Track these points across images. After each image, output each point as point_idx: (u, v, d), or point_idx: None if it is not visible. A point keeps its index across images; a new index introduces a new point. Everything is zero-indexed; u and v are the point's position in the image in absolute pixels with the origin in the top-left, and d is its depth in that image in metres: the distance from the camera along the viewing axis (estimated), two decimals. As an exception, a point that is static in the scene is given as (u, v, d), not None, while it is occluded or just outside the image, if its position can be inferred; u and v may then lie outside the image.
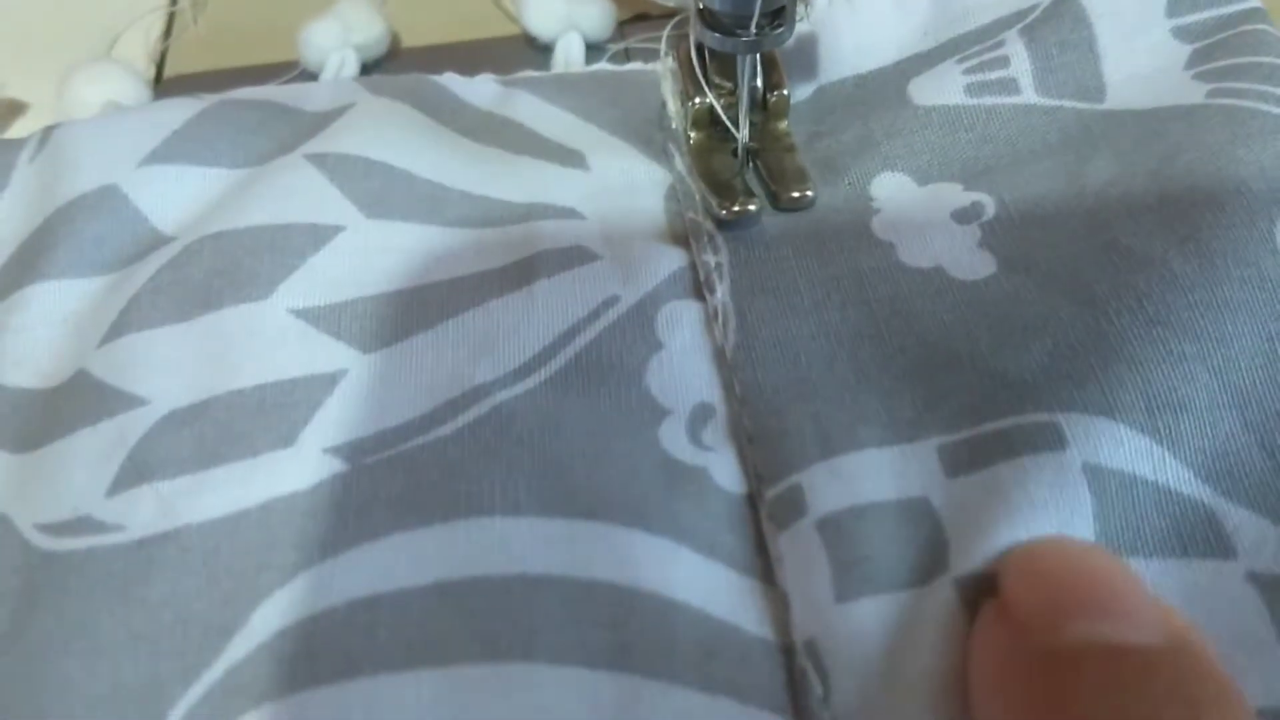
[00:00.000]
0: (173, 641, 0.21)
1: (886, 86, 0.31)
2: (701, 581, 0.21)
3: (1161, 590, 0.20)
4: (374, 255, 0.27)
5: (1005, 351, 0.24)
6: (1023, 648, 0.17)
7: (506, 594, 0.21)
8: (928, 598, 0.20)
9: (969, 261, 0.26)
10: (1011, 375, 0.23)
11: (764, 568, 0.22)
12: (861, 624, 0.20)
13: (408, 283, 0.26)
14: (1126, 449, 0.21)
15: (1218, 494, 0.21)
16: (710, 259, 0.27)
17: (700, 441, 0.24)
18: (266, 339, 0.25)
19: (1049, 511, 0.20)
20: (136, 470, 0.23)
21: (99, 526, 0.22)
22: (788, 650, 0.21)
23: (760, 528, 0.22)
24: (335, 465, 0.23)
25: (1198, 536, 0.21)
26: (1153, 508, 0.21)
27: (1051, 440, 0.22)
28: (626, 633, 0.20)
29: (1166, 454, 0.21)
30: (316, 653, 0.20)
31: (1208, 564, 0.20)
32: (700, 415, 0.24)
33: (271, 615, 0.21)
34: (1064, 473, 0.21)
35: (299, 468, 0.23)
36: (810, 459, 0.23)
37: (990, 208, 0.27)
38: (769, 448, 0.23)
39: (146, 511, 0.22)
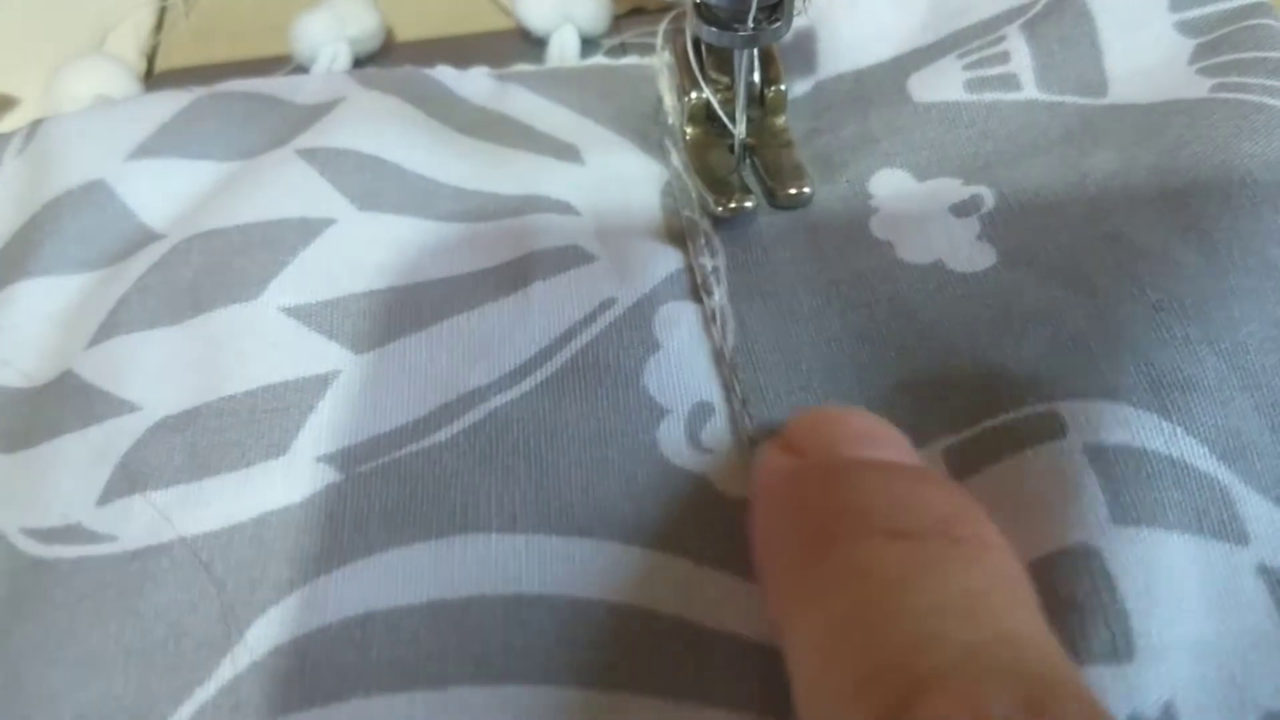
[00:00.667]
0: (165, 656, 0.20)
1: (885, 82, 0.31)
2: (698, 593, 0.21)
3: (1179, 566, 0.19)
4: (366, 248, 0.27)
5: (1005, 343, 0.23)
6: (806, 466, 0.20)
7: (502, 614, 0.20)
8: None
9: (968, 254, 0.25)
10: (1011, 368, 0.23)
11: None
12: None
13: (401, 279, 0.26)
14: (1132, 426, 0.21)
15: (1233, 474, 0.21)
16: (707, 262, 0.26)
17: (699, 443, 0.23)
18: (258, 340, 0.24)
19: (1053, 497, 0.20)
20: (128, 479, 0.23)
21: (90, 536, 0.22)
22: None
23: None
24: (329, 475, 0.22)
25: (1212, 514, 0.20)
26: (1170, 481, 0.20)
27: (1052, 429, 0.21)
28: (623, 652, 0.20)
29: (1178, 429, 0.21)
30: (310, 672, 0.19)
31: (1222, 546, 0.20)
32: (699, 415, 0.24)
33: (266, 632, 0.20)
34: (1064, 457, 0.21)
35: (292, 478, 0.22)
36: None
37: (989, 200, 0.26)
38: None
39: (139, 523, 0.22)
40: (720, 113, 0.28)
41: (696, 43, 0.28)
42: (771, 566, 0.19)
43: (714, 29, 0.26)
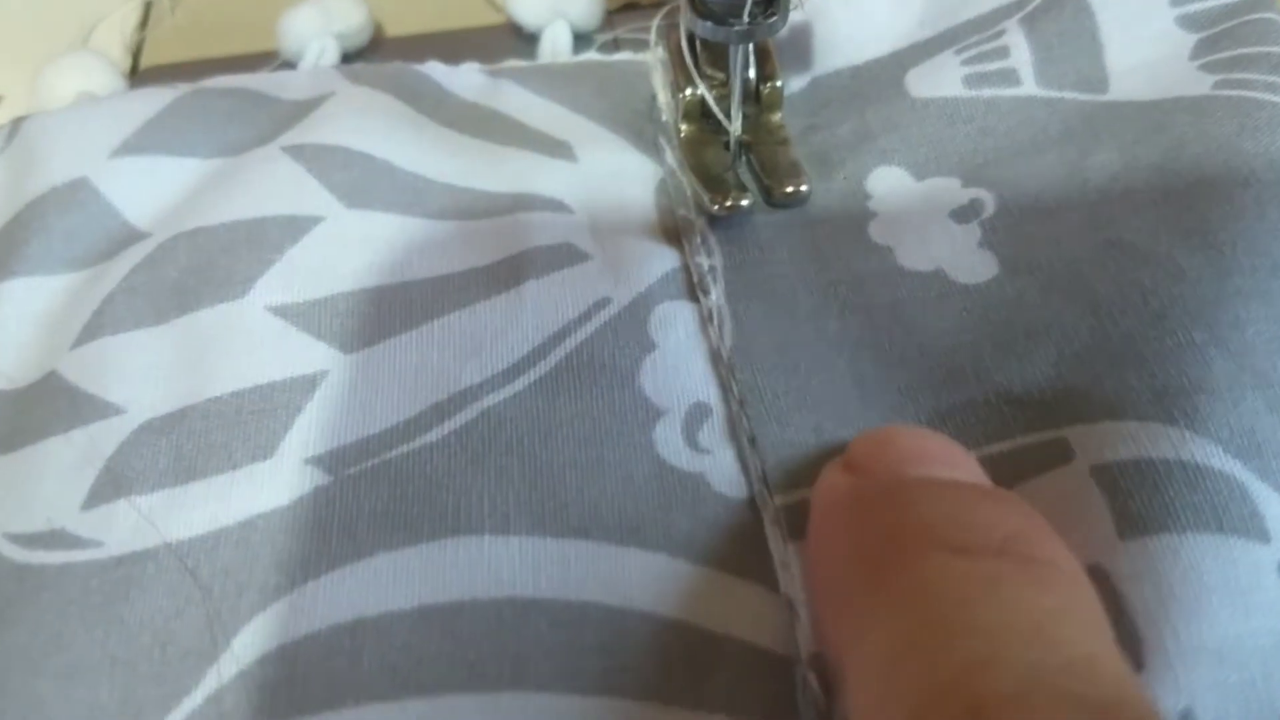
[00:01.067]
0: (151, 665, 0.20)
1: (883, 78, 0.30)
2: (698, 596, 0.20)
3: (1197, 568, 0.19)
4: (354, 247, 0.26)
5: (1009, 363, 0.23)
6: (867, 485, 0.19)
7: (495, 619, 0.20)
8: None
9: (970, 263, 0.25)
10: (1016, 390, 0.22)
11: (764, 571, 0.21)
12: None
13: (390, 277, 0.25)
14: (1138, 439, 0.20)
15: (1249, 471, 0.20)
16: (704, 261, 0.26)
17: (696, 444, 0.23)
18: (244, 340, 0.24)
19: (1059, 523, 0.19)
20: (113, 483, 0.22)
21: (75, 541, 0.22)
22: (788, 660, 0.20)
23: (763, 529, 0.21)
24: (317, 477, 0.22)
25: (1233, 511, 0.19)
26: (1182, 485, 0.20)
27: (1059, 455, 0.21)
28: (619, 657, 0.19)
29: (1186, 432, 0.20)
30: (299, 681, 0.19)
31: (1244, 544, 0.19)
32: (696, 416, 0.23)
33: (253, 640, 0.20)
34: (1072, 485, 0.20)
35: (279, 481, 0.22)
36: (818, 475, 0.22)
37: (990, 205, 0.26)
38: (773, 454, 0.22)
39: (124, 527, 0.22)
40: (715, 109, 0.28)
41: (691, 38, 0.28)
42: (829, 587, 0.19)
43: (709, 23, 0.25)
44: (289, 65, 0.36)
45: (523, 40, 0.37)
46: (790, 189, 0.27)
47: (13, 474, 0.23)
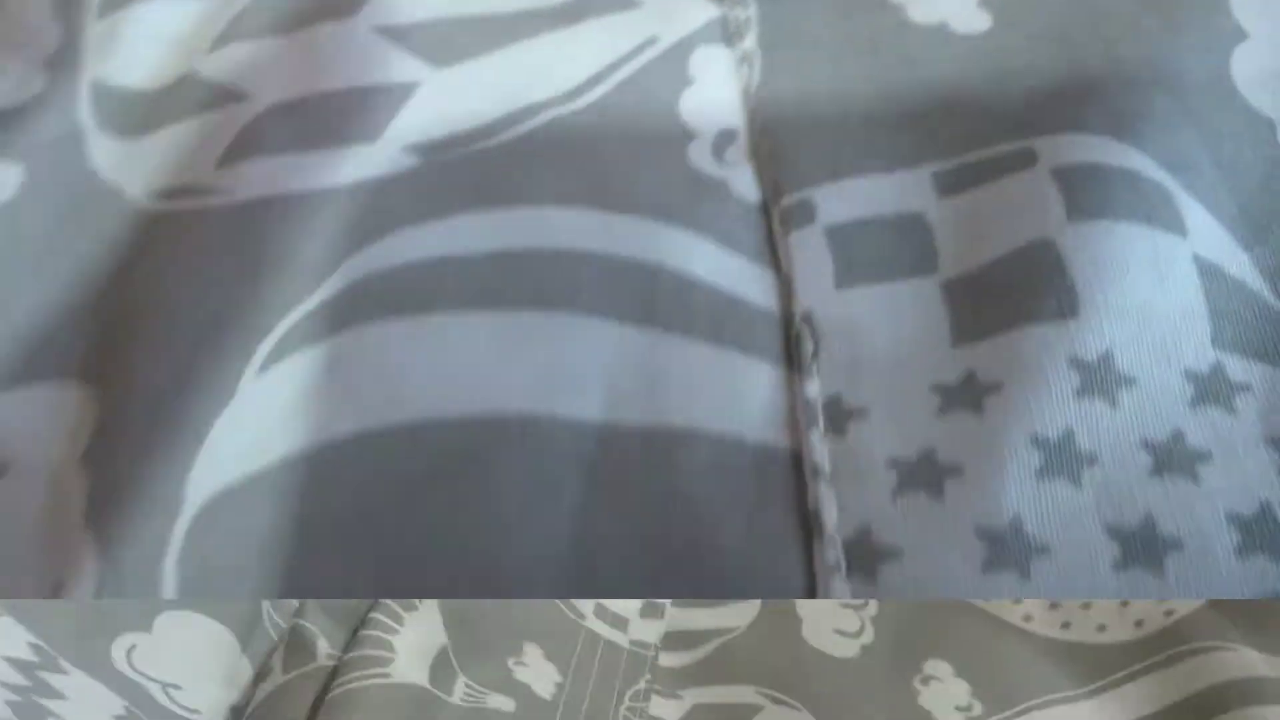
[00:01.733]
0: (274, 280, 0.25)
1: None
2: (717, 264, 0.25)
3: (1127, 248, 0.23)
4: None
5: (993, 93, 0.27)
6: None
7: (554, 261, 0.25)
8: (915, 292, 0.24)
9: (969, 16, 0.29)
10: (997, 112, 0.27)
11: (772, 260, 0.26)
12: (854, 305, 0.24)
13: (478, 8, 0.30)
14: (1090, 147, 0.25)
15: (1176, 184, 0.24)
16: (741, 14, 0.30)
17: (723, 159, 0.27)
18: (354, 51, 0.29)
19: (1020, 209, 0.24)
20: (242, 148, 0.27)
21: (208, 190, 0.27)
22: (787, 321, 0.25)
23: (771, 231, 0.26)
24: (412, 159, 0.27)
25: (1160, 212, 0.24)
26: (1122, 186, 0.24)
27: (1025, 160, 0.25)
28: (652, 297, 0.24)
29: (1130, 149, 0.25)
30: (395, 292, 0.24)
31: (1167, 237, 0.23)
32: (724, 139, 0.28)
33: (358, 264, 0.25)
34: (1034, 181, 0.25)
35: (382, 159, 0.27)
36: (821, 178, 0.26)
37: None
38: (785, 166, 0.27)
39: (252, 180, 0.26)
40: None
41: None
42: None
43: None
44: None
45: None
46: None
47: (154, 148, 0.28)
